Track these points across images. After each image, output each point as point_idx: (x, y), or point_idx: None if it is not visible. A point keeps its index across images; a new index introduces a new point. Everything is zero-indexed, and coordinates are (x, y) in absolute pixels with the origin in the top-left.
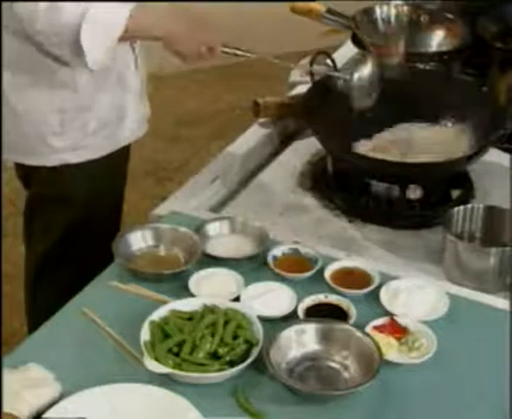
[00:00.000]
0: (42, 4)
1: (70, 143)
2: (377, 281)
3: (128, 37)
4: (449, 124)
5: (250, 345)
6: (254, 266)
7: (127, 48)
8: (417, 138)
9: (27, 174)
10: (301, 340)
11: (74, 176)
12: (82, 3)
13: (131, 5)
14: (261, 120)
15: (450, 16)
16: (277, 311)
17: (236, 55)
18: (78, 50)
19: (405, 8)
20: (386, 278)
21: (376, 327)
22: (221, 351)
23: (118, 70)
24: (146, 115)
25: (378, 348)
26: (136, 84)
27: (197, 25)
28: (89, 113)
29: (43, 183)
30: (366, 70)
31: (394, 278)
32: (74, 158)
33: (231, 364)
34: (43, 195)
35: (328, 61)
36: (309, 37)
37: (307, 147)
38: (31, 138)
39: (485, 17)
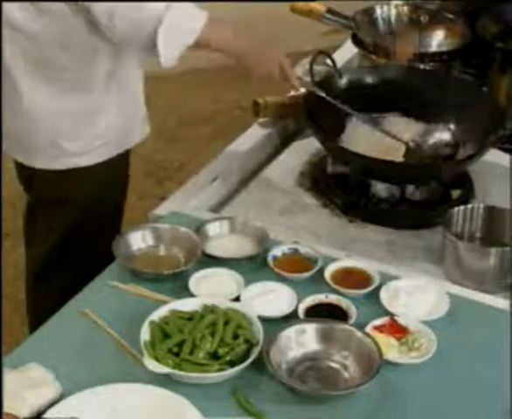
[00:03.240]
0: (123, 4)
1: (81, 146)
2: (377, 281)
3: (202, 44)
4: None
5: (250, 345)
6: (254, 266)
7: None
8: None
9: (30, 176)
10: (301, 340)
11: (79, 179)
12: (162, 5)
13: (206, 13)
14: (261, 120)
15: (450, 16)
16: (277, 311)
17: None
18: (152, 50)
19: (405, 8)
20: (386, 278)
21: (376, 327)
22: (221, 351)
23: (127, 72)
24: (146, 116)
25: (378, 348)
26: (140, 85)
27: (268, 45)
28: (100, 116)
29: (46, 186)
30: None
31: (394, 278)
32: (84, 161)
33: (231, 364)
34: (45, 198)
35: (328, 61)
36: (309, 37)
37: (307, 147)
38: (42, 140)
39: (485, 17)
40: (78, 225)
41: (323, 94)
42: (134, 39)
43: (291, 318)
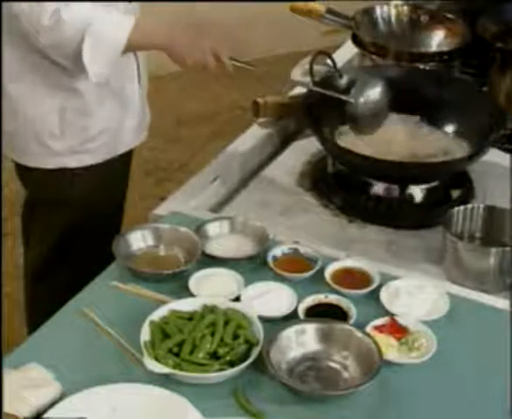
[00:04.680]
0: (45, 21)
1: (68, 147)
2: (377, 281)
3: (130, 49)
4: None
5: (250, 345)
6: (254, 266)
7: (131, 61)
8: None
9: (26, 175)
10: (301, 340)
11: (72, 180)
12: (84, 19)
13: (132, 18)
14: (261, 120)
15: (450, 16)
16: (277, 311)
17: (244, 67)
18: (81, 63)
19: (405, 8)
20: (386, 278)
21: (376, 327)
22: (221, 351)
23: (121, 81)
24: (146, 123)
25: (378, 348)
26: (138, 95)
27: (201, 32)
28: (90, 119)
29: (40, 185)
30: (373, 94)
31: (394, 278)
32: (73, 162)
33: (231, 364)
34: (41, 197)
35: (329, 61)
36: (309, 37)
37: (307, 147)
38: (30, 139)
39: (485, 17)
40: (76, 225)
41: (322, 90)
42: (61, 56)
43: (291, 318)
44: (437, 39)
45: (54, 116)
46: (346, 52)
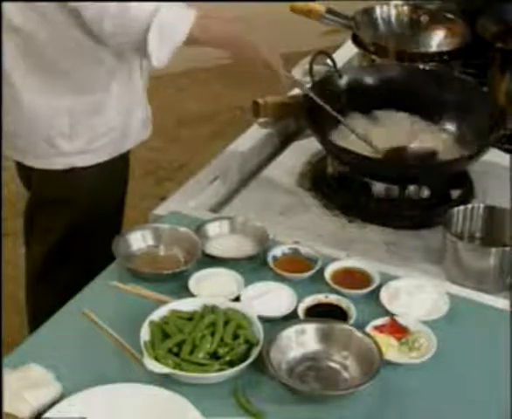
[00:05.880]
0: (112, 7)
1: (78, 147)
2: (377, 281)
3: (192, 42)
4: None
5: (250, 345)
6: (254, 266)
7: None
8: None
9: (29, 175)
10: (301, 340)
11: (78, 179)
12: (151, 6)
13: (194, 12)
14: (261, 120)
15: (450, 16)
16: (277, 311)
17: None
18: (143, 49)
19: (405, 8)
20: (386, 278)
21: (376, 327)
22: (221, 351)
23: (128, 73)
24: (149, 117)
25: (378, 348)
26: (142, 86)
27: (248, 43)
28: (98, 117)
29: (45, 185)
30: None
31: (394, 278)
32: (81, 162)
33: (231, 364)
34: (44, 197)
35: (329, 61)
36: (309, 37)
37: (307, 147)
38: (40, 140)
39: (485, 17)
40: (78, 225)
41: (317, 98)
42: (125, 42)
43: (291, 318)
44: (437, 39)
45: (64, 118)
46: (346, 52)
